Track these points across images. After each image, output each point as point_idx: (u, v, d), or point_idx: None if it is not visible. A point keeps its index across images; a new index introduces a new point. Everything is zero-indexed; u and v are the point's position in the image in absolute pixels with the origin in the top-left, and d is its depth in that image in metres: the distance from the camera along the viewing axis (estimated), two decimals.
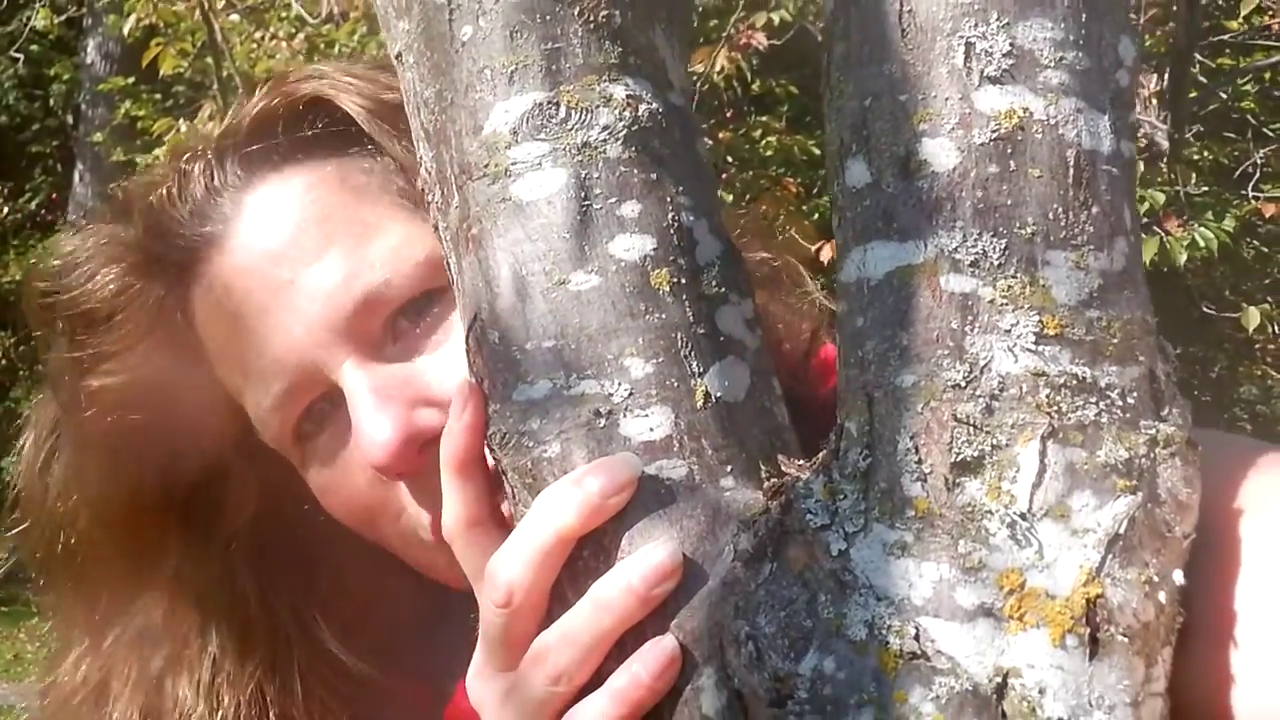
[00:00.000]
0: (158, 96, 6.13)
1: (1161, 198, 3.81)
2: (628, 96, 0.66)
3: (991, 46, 0.56)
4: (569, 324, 0.64)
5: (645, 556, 0.60)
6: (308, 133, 0.85)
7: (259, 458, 0.87)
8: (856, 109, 0.58)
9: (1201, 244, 3.86)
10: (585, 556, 0.62)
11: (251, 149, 0.85)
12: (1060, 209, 0.56)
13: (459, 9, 0.67)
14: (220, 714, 0.86)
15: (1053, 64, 0.56)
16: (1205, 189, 4.11)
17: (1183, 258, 3.87)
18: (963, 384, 0.55)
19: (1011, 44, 0.56)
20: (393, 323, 0.81)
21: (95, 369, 0.85)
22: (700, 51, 3.91)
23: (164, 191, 0.86)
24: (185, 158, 0.88)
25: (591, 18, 0.66)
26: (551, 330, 0.64)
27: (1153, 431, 0.56)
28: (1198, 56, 3.72)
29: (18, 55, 8.63)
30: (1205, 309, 5.26)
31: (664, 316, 0.64)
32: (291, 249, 0.81)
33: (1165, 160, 3.28)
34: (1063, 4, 0.56)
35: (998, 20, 0.56)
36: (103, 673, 0.89)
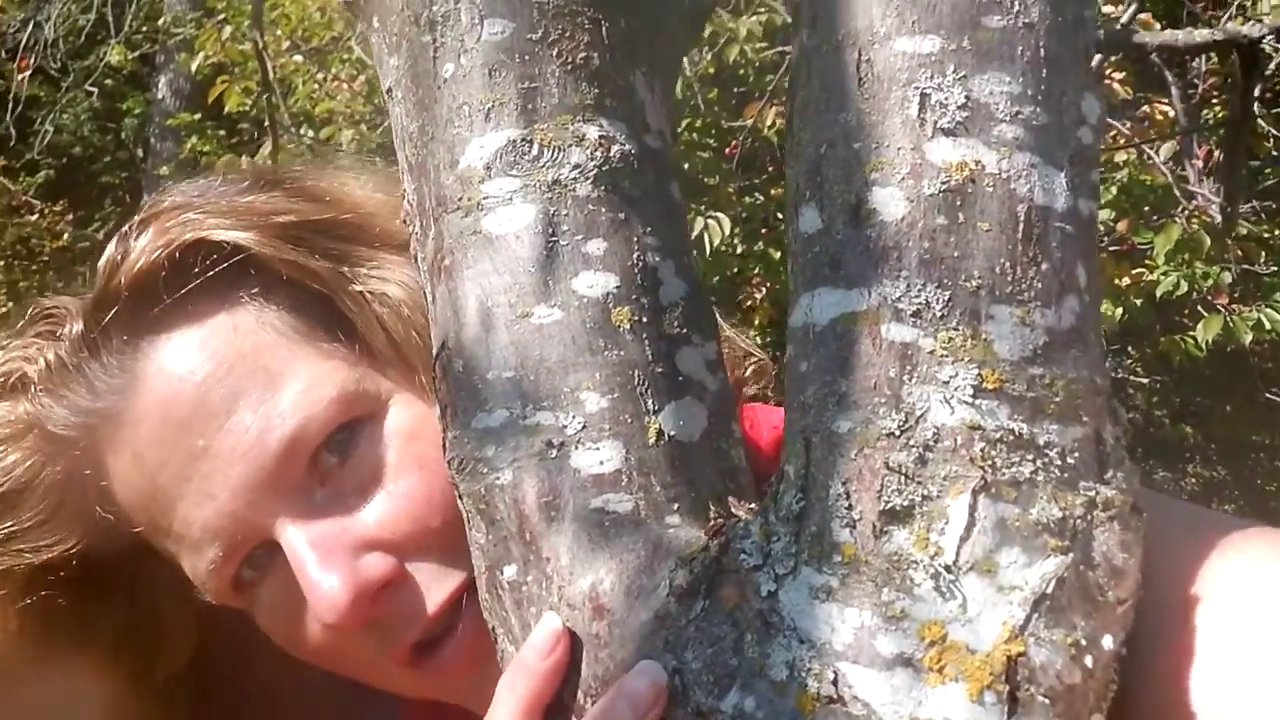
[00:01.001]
0: (222, 133, 6.27)
1: (1224, 276, 3.75)
2: (601, 137, 0.67)
3: (946, 98, 0.56)
4: (529, 356, 0.65)
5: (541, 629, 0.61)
6: (192, 282, 0.80)
7: (193, 601, 0.83)
8: (812, 155, 0.59)
9: (1268, 325, 3.78)
10: (528, 583, 0.63)
11: (135, 310, 0.80)
12: (1008, 264, 0.56)
13: (442, 47, 0.68)
14: None
15: (1008, 118, 0.56)
16: (1275, 268, 4.03)
17: (1248, 338, 3.79)
18: (897, 433, 0.55)
19: (967, 96, 0.56)
20: (316, 463, 0.78)
21: (6, 548, 0.82)
22: (750, 106, 3.93)
23: (46, 362, 0.81)
24: (62, 321, 0.83)
25: (570, 59, 0.68)
26: (512, 361, 0.65)
27: (1092, 493, 0.56)
28: (1264, 125, 3.67)
29: (93, 89, 8.87)
30: (1270, 394, 5.15)
31: (622, 354, 0.65)
32: (198, 414, 0.77)
33: (1220, 235, 3.22)
34: (1022, 59, 0.57)
35: (954, 73, 0.57)
36: None
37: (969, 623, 0.53)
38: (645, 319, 0.66)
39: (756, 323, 4.38)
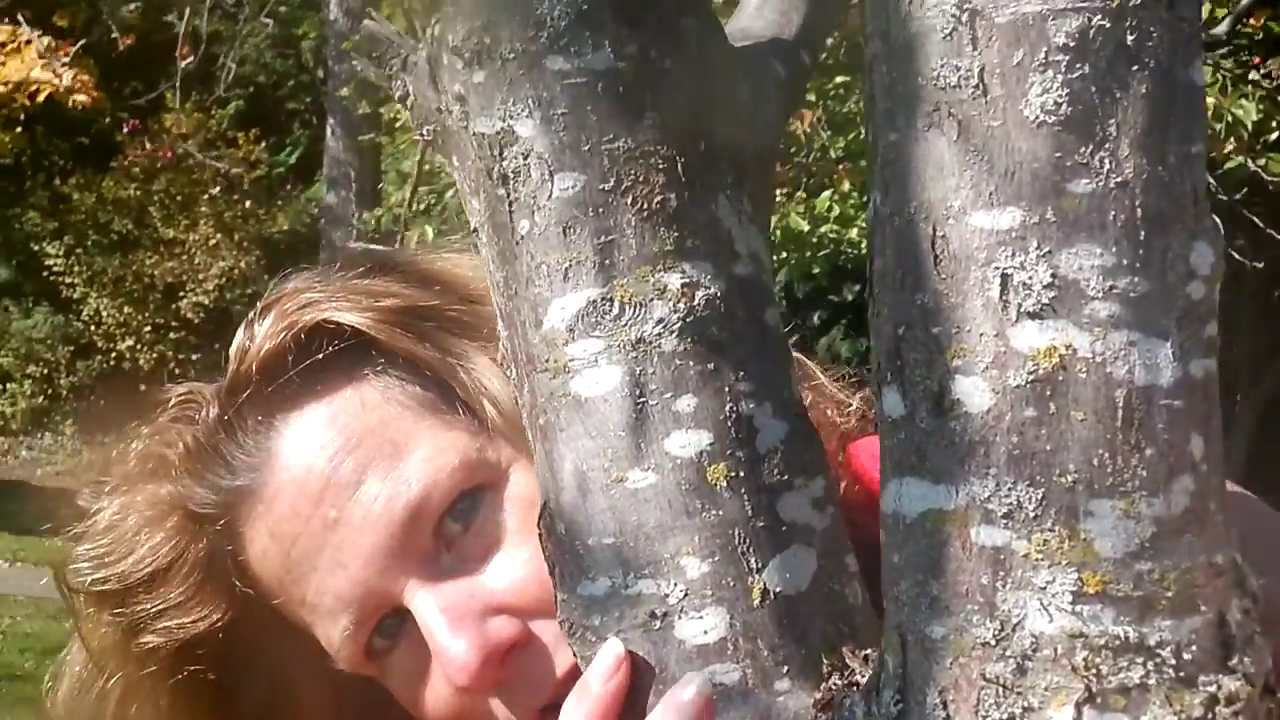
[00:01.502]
0: None
1: None
2: (683, 285, 0.65)
3: (1030, 278, 0.52)
4: (627, 522, 0.64)
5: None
6: (318, 362, 0.84)
7: (331, 673, 0.88)
8: (891, 335, 0.56)
9: None
10: None
11: (266, 391, 0.84)
12: (1107, 454, 0.52)
13: (516, 202, 0.67)
14: None
15: (1101, 294, 0.52)
16: None
17: None
18: (993, 642, 0.53)
19: (1053, 275, 0.52)
20: (441, 530, 0.81)
21: (148, 628, 0.86)
22: None
23: (185, 445, 0.86)
24: (198, 406, 0.87)
25: (645, 205, 0.66)
26: (611, 528, 0.65)
27: (1213, 688, 0.52)
28: None
29: (268, 19, 9.08)
30: None
31: (720, 513, 0.64)
32: (330, 486, 0.81)
33: None
34: (1116, 225, 0.52)
35: (1038, 249, 0.52)
36: None
37: None
38: (742, 472, 0.65)
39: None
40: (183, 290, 12.38)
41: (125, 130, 12.23)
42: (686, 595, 0.63)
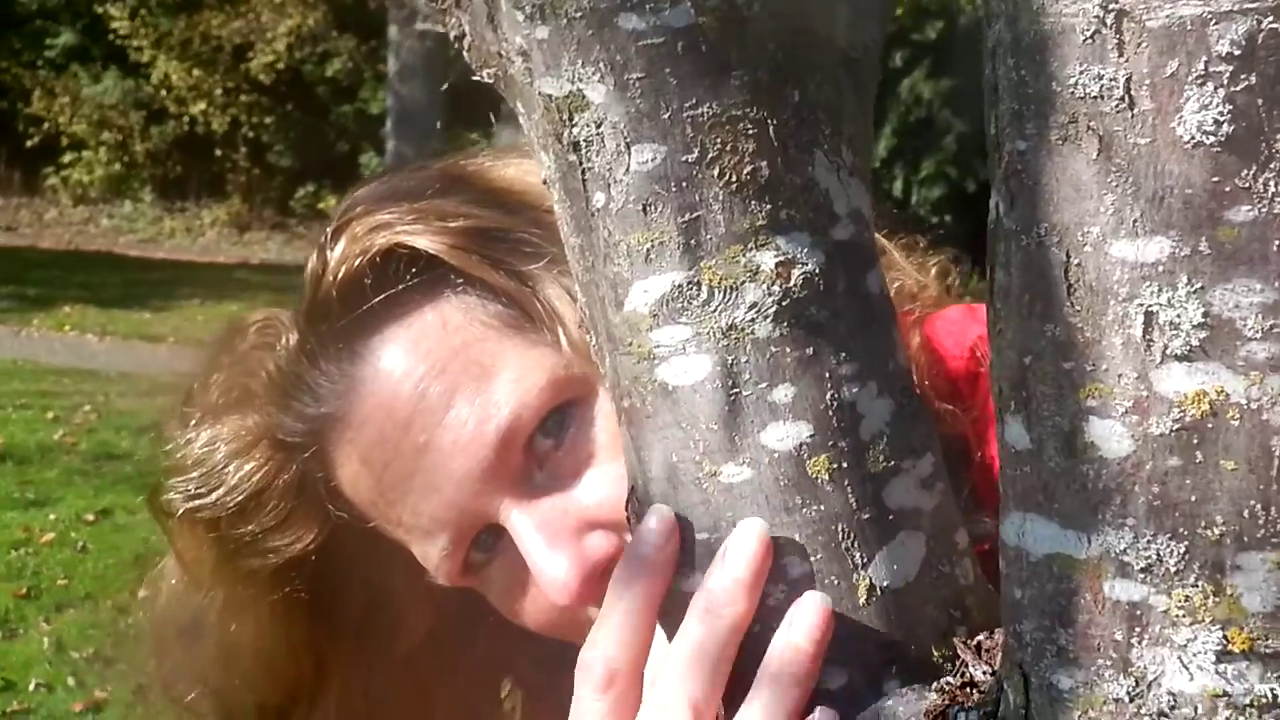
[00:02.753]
0: None
1: None
2: (778, 264, 0.60)
3: (1179, 317, 0.46)
4: (722, 518, 0.61)
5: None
6: (396, 284, 0.82)
7: (424, 577, 0.87)
8: (1015, 363, 0.50)
9: None
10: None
11: (346, 316, 0.83)
12: (1259, 505, 0.47)
13: (590, 173, 0.61)
14: None
15: (1259, 334, 0.46)
16: None
17: None
18: (1127, 699, 0.49)
19: (1205, 313, 0.46)
20: (532, 448, 0.80)
21: (248, 552, 0.86)
22: None
23: (268, 373, 0.84)
24: (278, 333, 0.86)
25: (734, 177, 0.59)
26: (705, 523, 0.62)
27: None
28: None
29: None
30: None
31: (822, 508, 0.60)
32: (418, 412, 0.80)
33: None
34: (1278, 258, 0.45)
35: (1188, 285, 0.46)
36: None
37: None
38: (845, 463, 0.61)
39: None
40: (251, 50, 12.20)
41: None
42: (787, 595, 0.61)
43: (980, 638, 0.62)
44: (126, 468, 5.70)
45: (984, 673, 0.59)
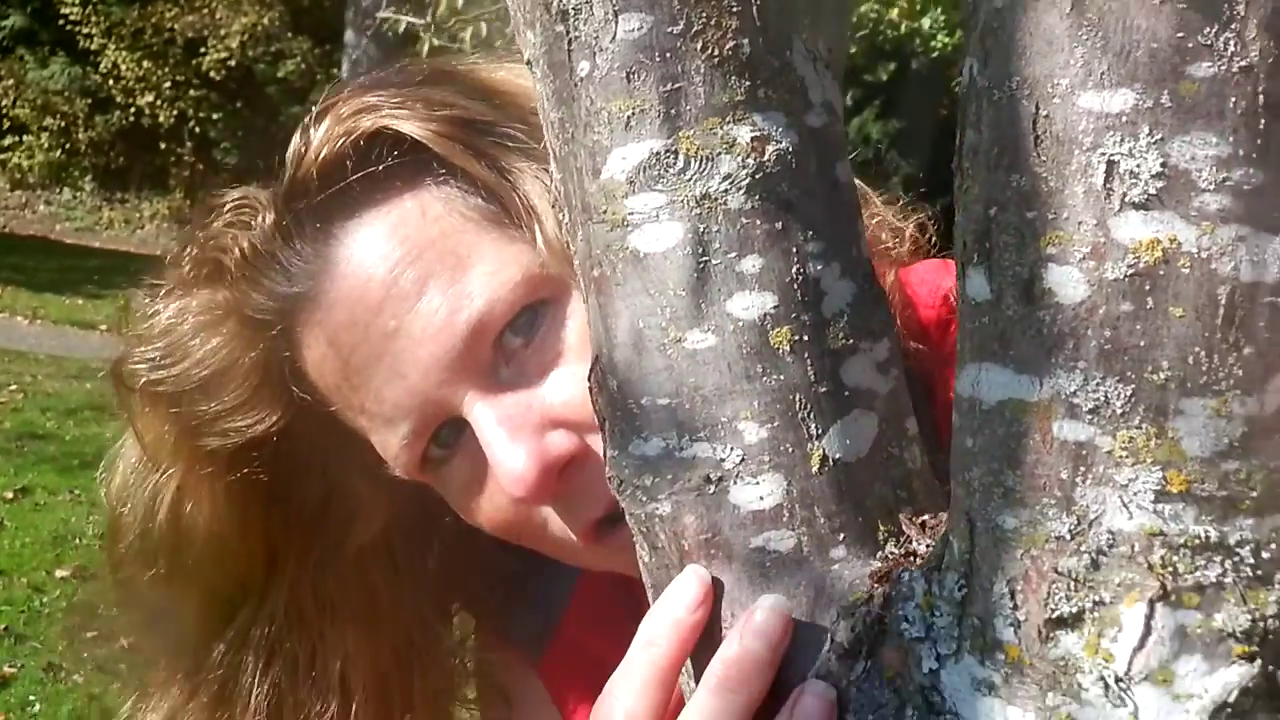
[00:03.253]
0: None
1: None
2: (753, 139, 0.62)
3: (1138, 166, 0.49)
4: (684, 383, 0.63)
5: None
6: (377, 169, 0.82)
7: (384, 476, 0.88)
8: (981, 215, 0.53)
9: None
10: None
11: (325, 197, 0.83)
12: (1203, 352, 0.49)
13: (576, 41, 0.63)
14: (354, 703, 0.92)
15: (1213, 186, 0.48)
16: None
17: None
18: (1068, 537, 0.51)
19: (1164, 163, 0.48)
20: (501, 343, 0.80)
21: (208, 431, 0.86)
22: None
23: (241, 251, 0.84)
24: (254, 211, 0.85)
25: (716, 51, 0.61)
26: (667, 389, 0.63)
27: None
28: None
29: None
30: None
31: (782, 378, 0.62)
32: (390, 296, 0.80)
33: None
34: (1234, 113, 0.48)
35: (1149, 136, 0.48)
36: (216, 683, 0.92)
37: None
38: (807, 336, 0.63)
39: None
40: (204, 46, 12.10)
41: None
42: (743, 460, 0.62)
43: (925, 517, 0.64)
44: (50, 448, 5.60)
45: (926, 546, 0.61)
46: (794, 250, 0.62)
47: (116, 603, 0.97)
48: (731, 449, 0.62)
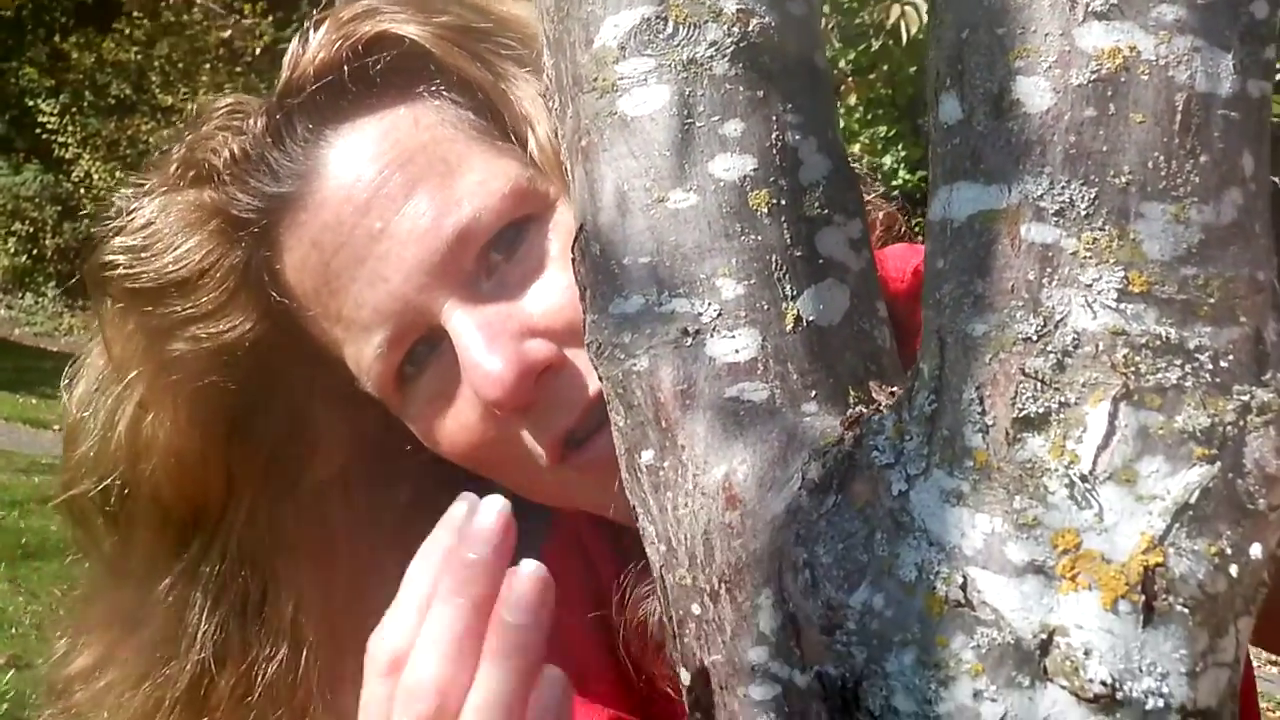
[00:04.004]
0: None
1: None
2: (738, 10, 0.65)
3: None
4: (665, 241, 0.65)
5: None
6: (373, 75, 0.83)
7: (349, 407, 0.88)
8: (953, 40, 0.56)
9: None
10: (665, 468, 0.64)
11: (319, 100, 0.84)
12: (1162, 157, 0.52)
13: None
14: (304, 649, 0.90)
15: None
16: None
17: None
18: (1034, 338, 0.53)
19: None
20: (484, 257, 0.81)
21: (178, 334, 0.86)
22: None
23: (231, 153, 0.85)
24: (245, 115, 0.86)
25: None
26: (648, 247, 0.65)
27: (1246, 397, 0.53)
28: None
29: None
30: None
31: (760, 238, 0.64)
32: (377, 198, 0.81)
33: None
34: None
35: None
36: (160, 620, 0.90)
37: (1105, 532, 0.53)
38: (784, 201, 0.65)
39: None
40: None
41: None
42: (720, 315, 0.64)
43: (894, 388, 0.66)
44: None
45: (901, 392, 0.63)
46: (774, 118, 0.65)
47: (64, 522, 0.94)
48: (709, 304, 0.64)
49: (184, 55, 12.25)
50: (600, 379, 0.69)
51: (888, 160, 8.31)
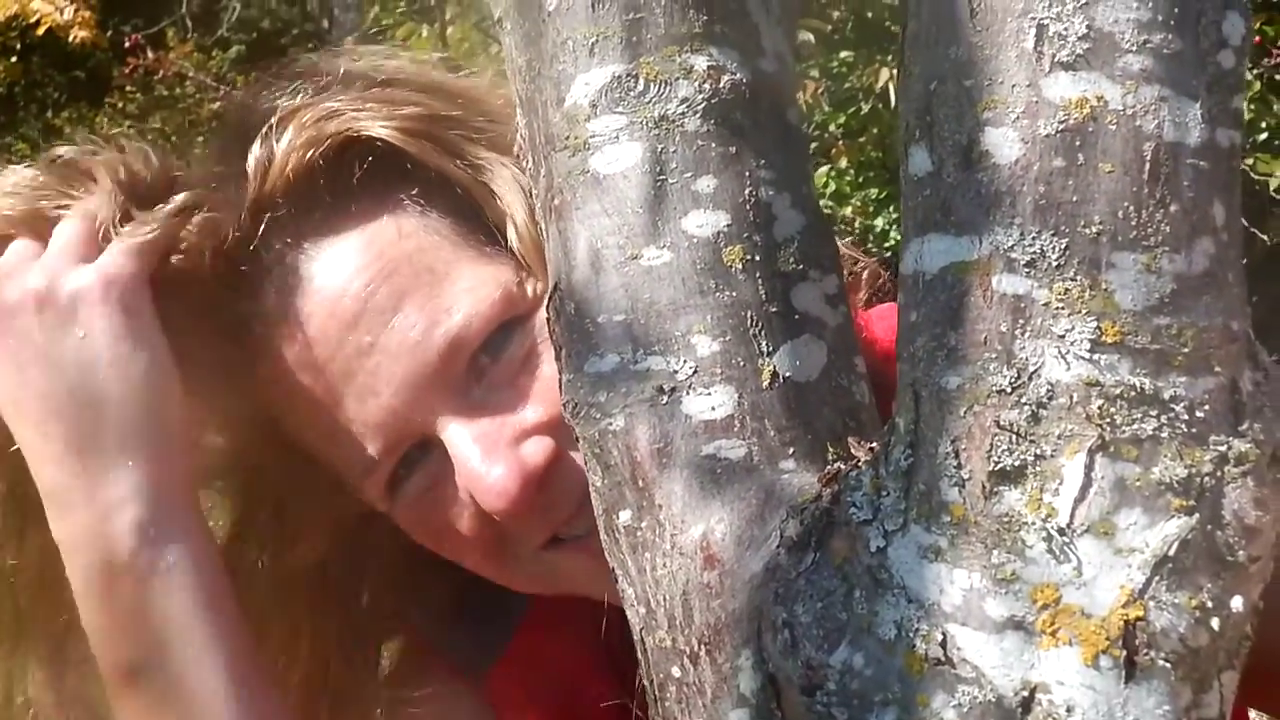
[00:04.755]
0: (403, 4, 6.27)
1: None
2: (709, 67, 0.65)
3: (1066, 29, 0.52)
4: (640, 299, 0.64)
5: None
6: (349, 181, 0.81)
7: (333, 504, 0.87)
8: (921, 93, 0.56)
9: None
10: (643, 528, 0.64)
11: (294, 212, 0.81)
12: (1132, 207, 0.52)
13: None
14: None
15: (1135, 48, 0.52)
16: None
17: None
18: (1009, 390, 0.53)
19: (1089, 26, 0.52)
20: (474, 363, 0.80)
21: None
22: None
23: (207, 261, 0.81)
24: (216, 223, 0.81)
25: None
26: (623, 305, 0.65)
27: (1223, 448, 0.53)
28: None
29: None
30: None
31: (735, 294, 0.64)
32: (365, 311, 0.79)
33: None
34: None
35: (1075, 0, 0.52)
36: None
37: (1084, 586, 0.52)
38: (758, 257, 0.65)
39: None
40: None
41: (125, 69, 12.09)
42: (696, 372, 0.63)
43: (874, 444, 0.65)
44: None
45: (878, 447, 0.62)
46: (747, 174, 0.65)
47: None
48: (685, 361, 0.64)
49: (177, 128, 12.34)
50: (577, 440, 0.68)
51: (880, 222, 8.35)
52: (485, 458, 0.78)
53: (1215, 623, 0.52)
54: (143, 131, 12.35)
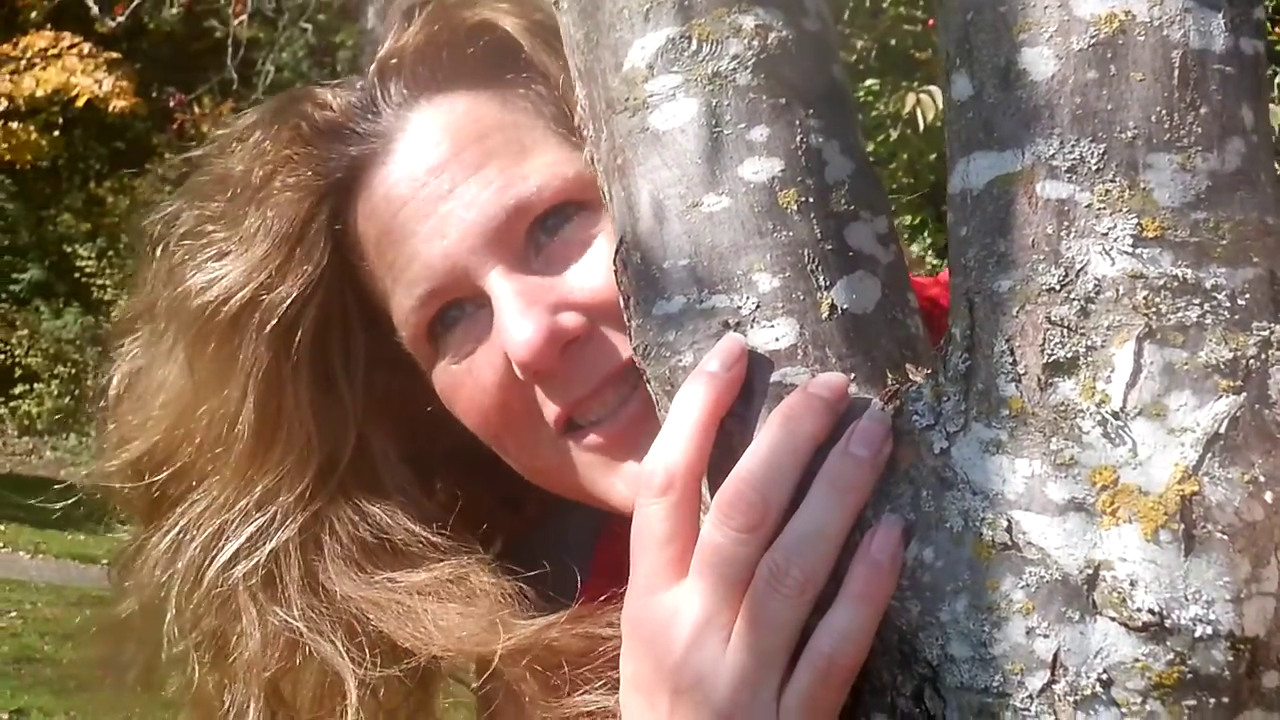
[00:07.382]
0: None
1: None
2: (757, 26, 0.69)
3: None
4: (702, 243, 0.68)
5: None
6: (469, 56, 0.92)
7: (392, 369, 0.94)
8: (960, 23, 0.60)
9: None
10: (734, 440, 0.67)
11: (418, 71, 0.93)
12: (1164, 111, 0.56)
13: None
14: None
15: None
16: None
17: None
18: (1057, 287, 0.56)
19: None
20: (535, 234, 0.88)
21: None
22: None
23: (330, 105, 0.94)
24: (349, 88, 0.96)
25: None
26: (686, 250, 0.69)
27: (1266, 333, 0.56)
28: None
29: (307, 25, 9.25)
30: None
31: (791, 234, 0.68)
32: (452, 162, 0.89)
33: None
34: None
35: None
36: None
37: (1140, 466, 0.55)
38: (812, 199, 0.69)
39: None
40: None
41: (171, 126, 12.33)
42: (759, 307, 0.67)
43: (928, 370, 0.69)
44: (46, 671, 5.52)
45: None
46: (797, 123, 0.69)
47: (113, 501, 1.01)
48: (747, 297, 0.67)
49: None
50: (647, 381, 0.72)
51: (915, 248, 8.39)
52: (524, 311, 0.85)
53: (1269, 496, 0.55)
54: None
